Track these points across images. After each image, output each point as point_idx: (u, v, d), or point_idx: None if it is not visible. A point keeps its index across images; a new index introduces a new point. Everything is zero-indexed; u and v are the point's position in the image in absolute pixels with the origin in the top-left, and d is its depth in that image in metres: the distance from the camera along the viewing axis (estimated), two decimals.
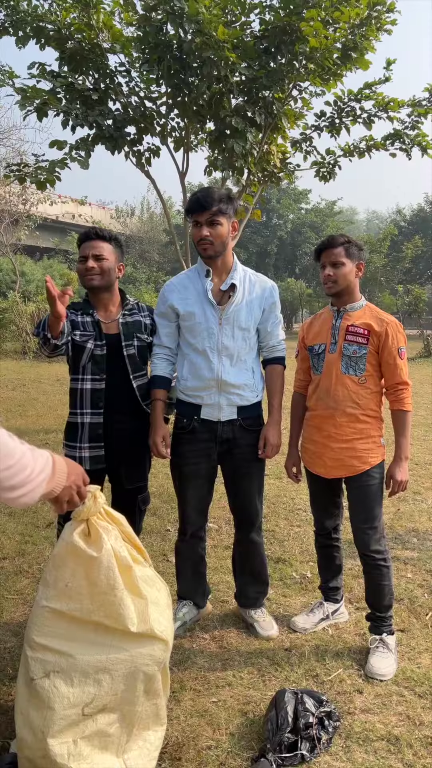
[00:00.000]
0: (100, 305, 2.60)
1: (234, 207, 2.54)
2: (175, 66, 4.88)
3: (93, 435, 2.52)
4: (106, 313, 2.60)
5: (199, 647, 2.66)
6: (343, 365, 2.55)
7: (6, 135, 17.27)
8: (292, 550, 3.70)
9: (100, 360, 2.51)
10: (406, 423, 2.54)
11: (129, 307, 2.66)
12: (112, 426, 2.55)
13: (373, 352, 2.52)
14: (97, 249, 2.51)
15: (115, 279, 2.58)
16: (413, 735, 2.10)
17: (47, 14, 4.88)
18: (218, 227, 2.48)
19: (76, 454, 2.53)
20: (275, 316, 2.67)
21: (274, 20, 4.68)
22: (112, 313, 2.61)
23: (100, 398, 2.51)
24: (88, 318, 2.54)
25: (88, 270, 2.49)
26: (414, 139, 5.73)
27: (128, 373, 2.57)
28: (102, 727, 1.73)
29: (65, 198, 26.40)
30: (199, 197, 2.47)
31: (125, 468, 2.64)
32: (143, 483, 2.73)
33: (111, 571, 1.74)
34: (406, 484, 2.54)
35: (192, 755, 2.00)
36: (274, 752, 1.94)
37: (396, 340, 2.50)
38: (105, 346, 2.52)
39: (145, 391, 2.63)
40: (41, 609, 1.75)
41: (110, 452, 2.56)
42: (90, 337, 2.50)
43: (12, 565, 3.46)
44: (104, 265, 2.51)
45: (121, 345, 2.57)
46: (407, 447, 2.55)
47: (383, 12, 4.97)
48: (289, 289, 29.47)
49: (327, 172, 6.25)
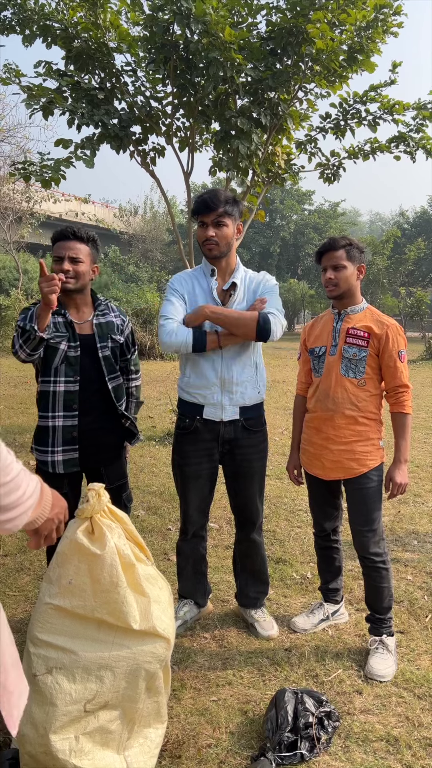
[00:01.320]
0: (71, 306, 2.53)
1: (239, 210, 2.56)
2: (181, 66, 4.89)
3: (67, 438, 2.48)
4: (78, 314, 2.55)
5: (199, 646, 2.67)
6: (342, 368, 2.56)
7: (11, 133, 17.28)
8: (292, 551, 3.71)
9: (74, 362, 2.46)
10: (406, 426, 2.54)
11: (101, 308, 2.61)
12: (88, 427, 2.52)
13: (373, 355, 2.52)
14: (73, 250, 2.43)
15: (89, 281, 2.52)
16: (412, 736, 2.11)
17: (54, 13, 4.88)
18: (224, 228, 2.50)
19: (47, 458, 2.49)
20: (270, 294, 2.61)
21: (280, 22, 4.68)
22: (85, 313, 2.56)
23: (74, 400, 2.47)
24: (60, 318, 2.47)
25: (63, 272, 2.41)
26: (418, 141, 5.73)
27: (103, 374, 2.53)
28: (103, 723, 1.74)
29: (69, 196, 26.42)
30: (206, 198, 2.49)
31: (105, 468, 2.61)
32: (124, 480, 2.71)
33: (114, 569, 1.75)
34: (405, 487, 2.54)
35: (192, 753, 2.02)
36: (274, 751, 1.95)
37: (396, 343, 2.50)
38: (79, 347, 2.47)
39: (118, 393, 2.59)
40: (44, 606, 1.77)
41: (88, 454, 2.54)
42: (63, 338, 2.45)
43: (13, 561, 3.47)
44: (80, 269, 2.44)
45: (96, 346, 2.52)
46: (407, 450, 2.55)
47: (389, 15, 4.97)
48: (291, 290, 29.46)
49: (331, 174, 6.25)
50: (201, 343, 2.48)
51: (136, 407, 2.82)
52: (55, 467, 2.49)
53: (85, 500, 1.82)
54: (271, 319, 2.47)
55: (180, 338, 2.46)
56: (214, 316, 2.48)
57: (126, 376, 2.74)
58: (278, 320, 2.50)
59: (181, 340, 2.46)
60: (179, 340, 2.46)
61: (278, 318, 2.50)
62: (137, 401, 2.82)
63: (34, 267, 24.17)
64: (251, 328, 2.46)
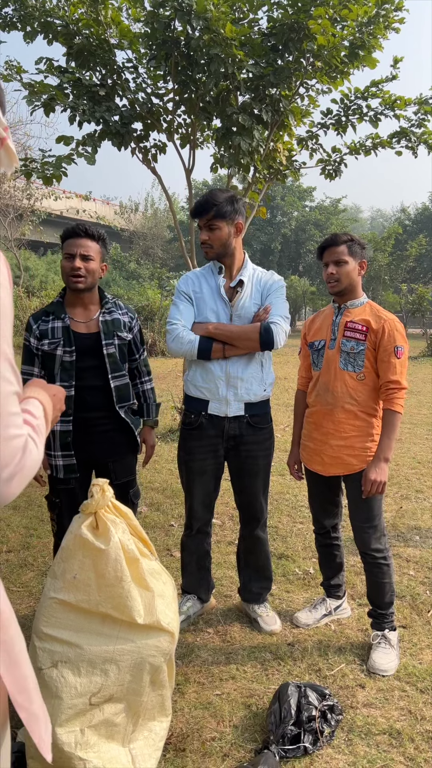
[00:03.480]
0: (78, 304, 2.53)
1: (236, 208, 2.54)
2: (183, 63, 4.89)
3: (63, 443, 2.48)
4: (85, 311, 2.54)
5: (203, 641, 2.68)
6: (341, 361, 2.56)
7: (13, 130, 17.26)
8: (295, 547, 3.72)
9: (69, 367, 2.45)
10: (394, 424, 2.48)
11: (108, 306, 2.60)
12: (93, 423, 2.52)
13: (371, 349, 2.51)
14: (84, 248, 2.43)
15: (97, 279, 2.52)
16: (414, 729, 2.12)
17: (55, 9, 4.87)
18: (216, 231, 2.52)
19: (51, 462, 2.51)
20: (276, 297, 2.62)
21: (282, 18, 4.67)
22: (92, 311, 2.55)
23: (68, 405, 2.46)
24: (58, 323, 2.47)
25: (74, 270, 2.42)
26: (420, 137, 5.72)
27: (107, 372, 2.50)
28: (108, 716, 1.75)
29: (70, 193, 26.42)
30: (200, 202, 2.53)
31: (113, 463, 2.61)
32: (132, 477, 2.71)
33: (118, 564, 1.76)
34: (382, 486, 2.48)
35: (196, 746, 2.03)
36: (277, 744, 1.96)
37: (393, 338, 2.48)
38: (74, 352, 2.46)
39: (122, 392, 2.56)
40: (49, 600, 1.78)
41: (95, 450, 2.54)
42: (57, 344, 2.45)
43: (17, 557, 3.49)
44: (90, 266, 2.44)
45: (101, 344, 2.50)
46: (390, 448, 2.49)
47: (391, 10, 4.95)
48: (292, 286, 29.45)
49: (333, 170, 6.24)
50: (206, 353, 2.52)
51: (156, 410, 2.80)
52: (57, 472, 2.51)
53: (90, 496, 1.83)
54: (273, 329, 2.50)
55: (185, 346, 2.50)
56: (216, 332, 2.51)
57: (139, 379, 2.74)
58: (280, 328, 2.53)
59: (186, 348, 2.51)
60: (185, 348, 2.51)
61: (280, 326, 2.53)
62: (156, 404, 2.80)
63: (35, 264, 24.19)
64: (254, 341, 2.50)
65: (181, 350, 2.52)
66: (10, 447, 0.86)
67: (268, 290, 2.62)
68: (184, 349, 2.51)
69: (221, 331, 2.52)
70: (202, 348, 2.50)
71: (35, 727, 0.99)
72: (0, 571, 3.30)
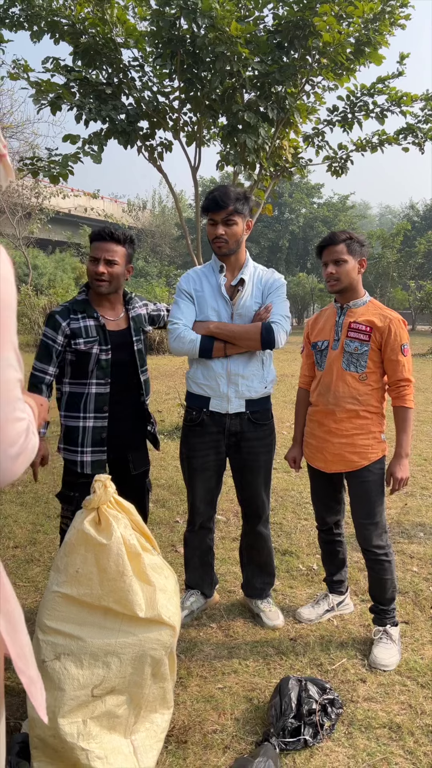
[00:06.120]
0: (105, 305, 2.59)
1: (249, 206, 2.57)
2: (188, 61, 4.90)
3: (96, 439, 2.53)
4: (113, 310, 2.62)
5: (206, 635, 2.71)
6: (344, 362, 2.57)
7: (19, 129, 17.34)
8: (299, 543, 3.74)
9: (105, 365, 2.52)
10: (408, 420, 2.52)
11: (132, 302, 2.70)
12: (120, 421, 2.59)
13: (375, 349, 2.52)
14: (109, 253, 2.48)
15: (123, 282, 2.58)
16: (414, 723, 2.14)
17: (61, 9, 4.90)
18: (233, 226, 2.52)
19: (77, 458, 2.54)
20: (277, 296, 2.64)
21: (287, 15, 4.67)
22: (118, 310, 2.64)
23: (105, 402, 2.52)
24: (91, 321, 2.52)
25: (98, 274, 2.47)
26: (427, 133, 5.71)
27: (137, 367, 2.61)
28: (110, 708, 1.78)
29: (78, 191, 26.50)
30: (216, 196, 2.51)
31: (131, 454, 2.69)
32: (148, 467, 2.81)
33: (120, 558, 1.79)
34: (407, 481, 2.54)
35: (198, 738, 2.06)
36: (278, 737, 1.99)
37: (399, 336, 2.49)
38: (110, 350, 2.52)
39: (149, 386, 2.73)
40: (52, 594, 1.81)
41: (116, 444, 2.60)
42: (94, 342, 2.50)
43: (24, 553, 3.53)
44: (114, 271, 2.49)
45: (132, 340, 2.60)
46: (408, 444, 2.55)
47: (397, 6, 4.95)
48: (300, 284, 29.37)
49: (339, 167, 6.24)
50: (207, 351, 2.55)
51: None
52: (84, 467, 2.53)
53: (92, 491, 1.85)
54: (274, 329, 2.52)
55: (187, 345, 2.53)
56: (218, 331, 2.54)
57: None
58: (281, 328, 2.54)
59: (188, 348, 2.53)
60: (186, 347, 2.53)
61: (281, 326, 2.54)
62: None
63: (43, 263, 24.28)
64: (256, 340, 2.52)
65: (183, 349, 2.54)
66: (17, 428, 0.92)
67: (269, 289, 2.63)
68: (186, 348, 2.53)
69: (222, 331, 2.54)
70: (204, 347, 2.53)
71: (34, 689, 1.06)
72: (6, 566, 3.34)
